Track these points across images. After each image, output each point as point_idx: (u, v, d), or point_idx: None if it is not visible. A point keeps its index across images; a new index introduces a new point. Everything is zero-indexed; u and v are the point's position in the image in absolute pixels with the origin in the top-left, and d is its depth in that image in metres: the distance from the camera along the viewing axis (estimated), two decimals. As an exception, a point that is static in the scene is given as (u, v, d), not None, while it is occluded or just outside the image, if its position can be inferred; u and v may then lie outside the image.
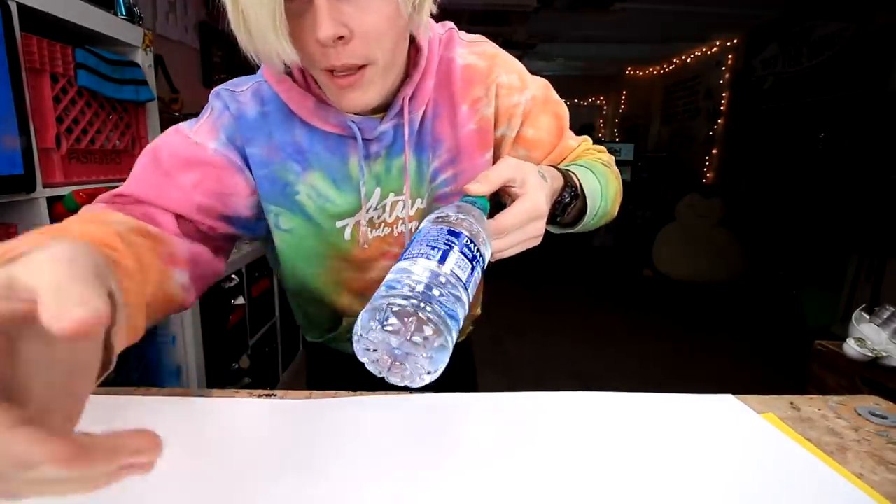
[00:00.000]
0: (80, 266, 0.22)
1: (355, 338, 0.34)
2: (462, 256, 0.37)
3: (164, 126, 1.49)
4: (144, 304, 0.39)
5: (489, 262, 0.42)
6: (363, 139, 0.54)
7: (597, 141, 1.33)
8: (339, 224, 0.58)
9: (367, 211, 0.57)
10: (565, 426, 0.46)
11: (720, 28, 4.08)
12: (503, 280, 3.74)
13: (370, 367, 0.34)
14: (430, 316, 0.32)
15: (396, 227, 0.59)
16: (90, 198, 1.04)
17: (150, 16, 1.88)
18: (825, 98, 3.30)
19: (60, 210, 1.02)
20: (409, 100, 0.54)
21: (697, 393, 0.52)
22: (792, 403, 0.52)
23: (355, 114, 0.53)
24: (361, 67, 0.46)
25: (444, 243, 0.37)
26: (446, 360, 0.34)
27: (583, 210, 0.55)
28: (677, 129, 5.25)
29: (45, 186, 0.98)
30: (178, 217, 0.50)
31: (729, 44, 4.33)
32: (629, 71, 5.89)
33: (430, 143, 0.57)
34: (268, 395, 0.50)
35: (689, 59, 4.93)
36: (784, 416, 0.49)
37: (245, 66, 0.52)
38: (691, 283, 3.86)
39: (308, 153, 0.55)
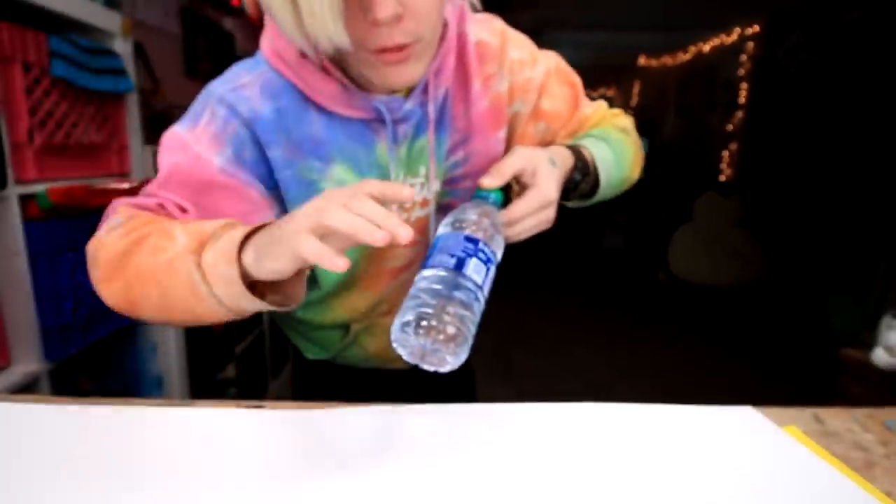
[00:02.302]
0: None
1: (393, 338, 0.41)
2: (478, 261, 0.44)
3: (145, 119, 1.49)
4: None
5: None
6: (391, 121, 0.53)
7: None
8: None
9: None
10: (577, 439, 0.47)
11: (738, 14, 4.08)
12: (507, 285, 3.73)
13: (407, 357, 0.42)
14: (451, 319, 0.40)
15: (413, 213, 0.59)
16: (65, 195, 1.04)
17: (129, 1, 1.88)
18: (854, 90, 3.30)
19: (33, 209, 1.02)
20: (434, 75, 0.54)
21: (715, 404, 0.52)
22: (816, 416, 0.52)
23: (391, 92, 0.53)
24: (410, 44, 0.47)
25: (462, 251, 0.44)
26: (468, 350, 0.42)
27: (596, 182, 0.60)
28: (693, 122, 5.25)
29: (17, 183, 0.98)
30: None
31: (749, 31, 4.33)
32: (642, 60, 5.90)
33: (448, 121, 0.58)
34: (257, 407, 0.51)
35: (705, 49, 4.93)
36: (807, 429, 0.49)
37: (230, 54, 0.52)
38: (708, 287, 3.85)
39: (328, 145, 0.54)
